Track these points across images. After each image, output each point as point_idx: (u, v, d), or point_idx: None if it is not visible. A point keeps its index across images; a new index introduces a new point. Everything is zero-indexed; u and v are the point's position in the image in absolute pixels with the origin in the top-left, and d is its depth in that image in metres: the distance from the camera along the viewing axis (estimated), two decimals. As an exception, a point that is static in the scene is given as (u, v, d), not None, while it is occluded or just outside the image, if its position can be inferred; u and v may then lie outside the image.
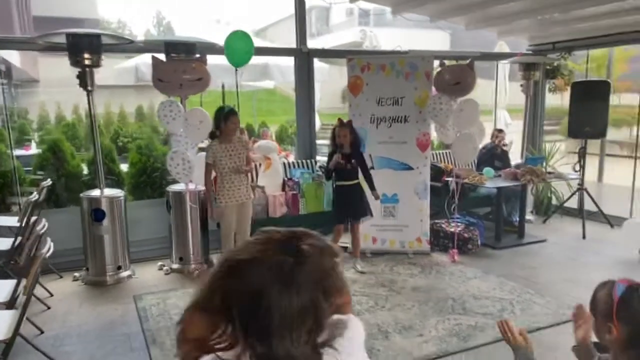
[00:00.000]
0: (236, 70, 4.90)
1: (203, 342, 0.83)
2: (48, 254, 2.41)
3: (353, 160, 4.69)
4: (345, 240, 5.08)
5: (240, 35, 4.81)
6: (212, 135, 4.36)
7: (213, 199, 4.32)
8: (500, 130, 6.50)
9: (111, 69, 8.05)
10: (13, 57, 12.07)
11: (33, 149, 8.72)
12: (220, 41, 5.24)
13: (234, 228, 4.36)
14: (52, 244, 2.57)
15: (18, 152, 8.43)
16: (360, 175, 4.82)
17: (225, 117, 4.19)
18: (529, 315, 3.94)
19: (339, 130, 4.66)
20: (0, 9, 15.47)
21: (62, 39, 4.46)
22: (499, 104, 8.11)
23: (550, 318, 3.90)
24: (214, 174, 4.44)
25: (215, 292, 0.83)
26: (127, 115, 15.42)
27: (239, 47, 4.74)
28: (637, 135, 6.48)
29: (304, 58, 6.03)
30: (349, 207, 4.80)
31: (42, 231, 2.70)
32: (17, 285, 2.55)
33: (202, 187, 5.06)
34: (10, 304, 2.56)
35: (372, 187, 4.84)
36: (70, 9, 21.25)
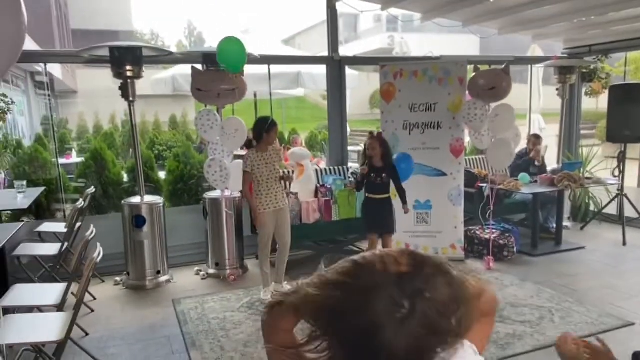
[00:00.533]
0: (236, 75, 4.74)
1: (291, 346, 0.80)
2: (99, 259, 2.52)
3: (384, 174, 4.58)
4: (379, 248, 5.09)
5: (232, 40, 4.62)
6: (248, 145, 4.42)
7: (255, 205, 4.37)
8: (538, 137, 6.33)
9: (148, 80, 8.33)
10: (55, 69, 12.59)
11: (74, 158, 9.07)
12: (251, 51, 5.36)
13: (271, 235, 4.43)
14: (101, 249, 2.68)
15: (60, 160, 8.80)
16: (392, 188, 4.76)
17: (268, 128, 4.25)
18: (569, 324, 3.87)
19: (369, 143, 4.61)
20: (42, 24, 16.14)
21: (105, 52, 4.65)
22: (533, 108, 7.99)
23: (591, 327, 3.81)
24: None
25: (323, 310, 0.75)
26: (161, 124, 15.85)
27: (233, 52, 4.58)
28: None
29: (336, 66, 6.09)
30: (376, 220, 4.71)
31: (92, 236, 2.82)
32: (67, 288, 2.67)
33: (237, 194, 5.18)
34: (60, 307, 2.68)
35: (404, 201, 4.74)
36: (107, 22, 22.00)
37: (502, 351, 3.50)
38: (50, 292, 3.00)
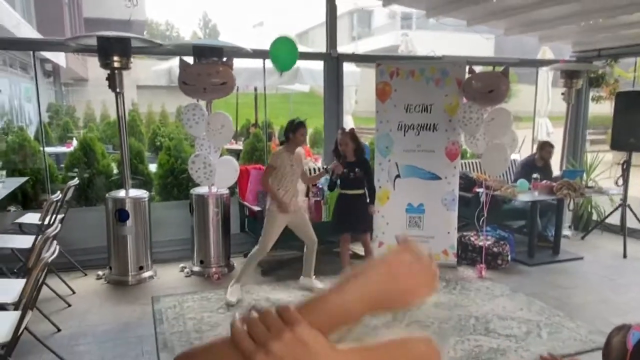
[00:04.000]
0: (281, 74, 5.04)
1: None
2: (51, 259, 2.43)
3: (357, 169, 4.50)
4: (359, 247, 4.97)
5: (285, 41, 4.88)
6: (282, 142, 4.44)
7: (278, 197, 4.28)
8: (551, 146, 6.10)
9: (150, 71, 8.26)
10: (60, 57, 12.60)
11: (74, 146, 9.04)
12: (262, 44, 5.26)
13: (276, 238, 4.37)
14: (57, 247, 2.58)
15: (60, 149, 8.78)
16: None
17: (294, 129, 4.25)
18: (556, 340, 3.71)
19: (340, 139, 4.54)
20: (54, 11, 16.18)
21: (93, 41, 4.56)
22: (540, 111, 7.76)
23: (580, 344, 3.65)
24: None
25: None
26: (168, 115, 15.82)
27: (284, 53, 4.84)
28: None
29: (333, 63, 5.94)
30: (349, 218, 4.58)
31: (53, 234, 2.72)
32: (26, 285, 2.58)
33: (224, 191, 5.07)
34: (17, 305, 2.60)
35: (372, 200, 4.66)
36: (119, 11, 22.00)
37: (483, 367, 3.35)
38: (14, 288, 2.91)
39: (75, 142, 9.68)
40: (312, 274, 4.63)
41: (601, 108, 7.76)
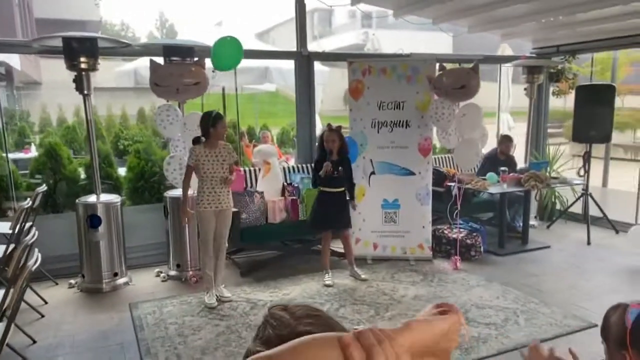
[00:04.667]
0: (213, 71, 4.68)
1: None
2: (35, 267, 2.33)
3: (340, 168, 4.53)
4: (338, 245, 5.01)
5: (229, 41, 4.61)
6: (196, 141, 4.16)
7: (188, 203, 4.22)
8: (510, 140, 6.31)
9: (112, 72, 8.01)
10: (13, 60, 12.05)
11: (33, 152, 8.67)
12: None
13: (212, 234, 4.24)
14: (39, 255, 2.49)
15: (17, 155, 8.40)
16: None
17: (213, 122, 4.04)
18: (534, 326, 3.85)
19: (327, 135, 4.52)
20: (3, 11, 15.46)
21: (58, 42, 4.40)
22: (502, 106, 8.01)
23: (556, 329, 3.80)
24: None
25: None
26: (129, 118, 15.38)
27: (227, 53, 4.58)
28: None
29: (304, 61, 5.95)
30: (331, 215, 4.62)
31: (32, 240, 2.62)
32: (5, 296, 2.47)
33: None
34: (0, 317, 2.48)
35: (352, 196, 4.75)
36: (73, 11, 21.31)
37: (466, 355, 3.44)
38: (-12, 299, 2.78)
39: (33, 148, 9.32)
40: (221, 282, 4.44)
41: (554, 103, 8.06)
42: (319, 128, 8.64)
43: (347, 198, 4.72)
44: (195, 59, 4.71)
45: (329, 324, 0.78)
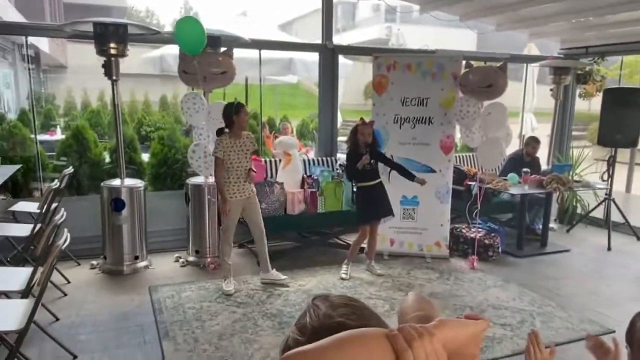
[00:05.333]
0: (193, 57, 4.42)
1: None
2: (64, 245, 2.41)
3: (372, 160, 4.59)
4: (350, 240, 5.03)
5: (190, 21, 4.37)
6: (219, 133, 4.24)
7: (224, 192, 4.29)
8: (537, 141, 6.24)
9: (137, 58, 8.11)
10: (42, 43, 12.27)
11: (58, 135, 8.85)
12: (246, 34, 5.22)
13: (235, 224, 4.34)
14: (68, 235, 2.56)
15: (43, 137, 8.58)
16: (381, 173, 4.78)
17: (236, 109, 4.10)
18: (550, 329, 3.83)
19: (363, 129, 4.54)
20: (32, -5, 15.72)
21: (89, 28, 4.48)
22: (526, 107, 7.92)
23: (572, 333, 3.77)
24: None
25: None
26: (151, 104, 15.54)
27: (189, 34, 4.29)
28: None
29: (329, 54, 5.96)
30: (375, 206, 4.73)
31: (61, 221, 2.69)
32: (33, 274, 2.55)
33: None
34: (25, 293, 2.56)
35: (412, 176, 4.75)
36: (99, -3, 21.55)
37: (481, 355, 3.44)
38: (17, 276, 2.87)
39: (58, 130, 9.50)
40: (269, 267, 4.55)
41: (580, 105, 7.93)
42: (339, 122, 8.66)
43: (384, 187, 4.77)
44: (224, 48, 4.75)
45: (363, 314, 0.81)
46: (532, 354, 1.35)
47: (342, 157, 6.29)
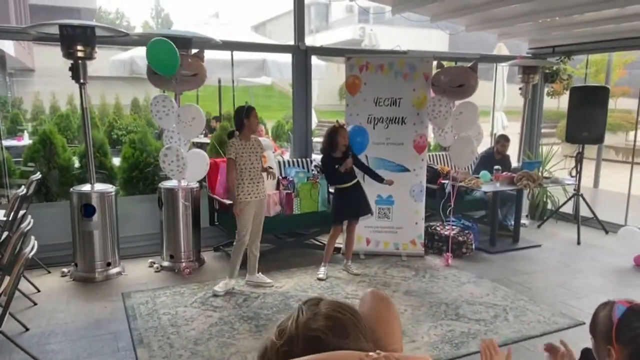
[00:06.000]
0: (172, 77, 4.40)
1: None
2: (31, 254, 2.34)
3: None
4: (338, 241, 5.03)
5: (162, 44, 4.29)
6: (230, 136, 4.34)
7: (236, 195, 4.31)
8: (507, 139, 6.37)
9: (106, 60, 7.96)
10: (6, 46, 11.94)
11: (25, 140, 8.61)
12: (218, 36, 5.17)
13: (251, 225, 4.39)
14: (36, 243, 2.49)
15: (10, 142, 8.34)
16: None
17: (247, 112, 4.21)
18: (522, 323, 3.90)
19: (342, 132, 4.62)
20: (-4, -3, 15.28)
21: (55, 30, 4.37)
22: (496, 105, 8.07)
23: (544, 326, 3.85)
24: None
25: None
26: (122, 108, 15.28)
27: (163, 57, 4.30)
28: (635, 141, 6.45)
29: (301, 55, 5.96)
30: (353, 207, 4.80)
31: (27, 228, 2.62)
32: (0, 282, 2.47)
33: (194, 184, 5.01)
34: (-8, 303, 2.49)
35: (381, 179, 4.89)
36: (65, -2, 21.08)
37: (456, 350, 3.49)
38: (-18, 286, 2.78)
39: (26, 135, 9.24)
40: (257, 269, 4.65)
41: (549, 103, 8.13)
42: (314, 122, 8.66)
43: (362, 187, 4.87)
44: (194, 50, 4.70)
45: (343, 332, 0.80)
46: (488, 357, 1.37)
47: (317, 158, 6.30)
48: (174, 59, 4.24)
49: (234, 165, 4.25)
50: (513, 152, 6.98)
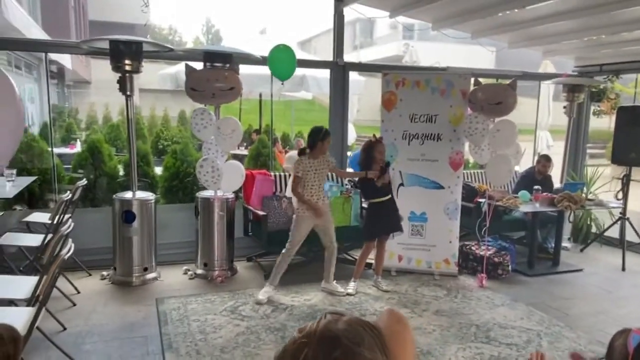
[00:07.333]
0: (282, 83, 5.18)
1: None
2: (67, 255, 2.47)
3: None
4: (370, 256, 5.02)
5: (283, 48, 4.98)
6: (301, 152, 4.53)
7: (310, 202, 4.49)
8: (549, 159, 6.20)
9: (155, 74, 8.32)
10: (65, 59, 12.67)
11: (78, 148, 9.07)
12: (265, 51, 5.34)
13: (303, 239, 4.56)
14: (73, 245, 2.63)
15: (63, 150, 8.82)
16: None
17: (323, 137, 4.42)
18: (557, 350, 3.76)
19: (378, 147, 4.69)
20: (59, 13, 16.28)
21: (105, 44, 4.63)
22: (541, 124, 7.86)
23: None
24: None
25: None
26: (170, 119, 15.84)
27: (282, 61, 4.96)
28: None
29: (339, 71, 6.03)
30: (384, 222, 4.82)
31: (67, 231, 2.77)
32: (39, 283, 2.63)
33: (230, 195, 5.13)
34: (30, 301, 2.64)
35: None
36: (123, 15, 22.12)
37: (484, 374, 3.39)
38: (25, 285, 2.95)
39: (78, 144, 9.75)
40: (332, 278, 4.78)
41: (599, 123, 7.86)
42: (352, 137, 8.70)
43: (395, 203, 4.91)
44: (227, 65, 4.85)
45: (362, 336, 0.82)
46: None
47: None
48: (292, 65, 4.79)
49: (300, 182, 4.43)
50: (556, 172, 6.76)
